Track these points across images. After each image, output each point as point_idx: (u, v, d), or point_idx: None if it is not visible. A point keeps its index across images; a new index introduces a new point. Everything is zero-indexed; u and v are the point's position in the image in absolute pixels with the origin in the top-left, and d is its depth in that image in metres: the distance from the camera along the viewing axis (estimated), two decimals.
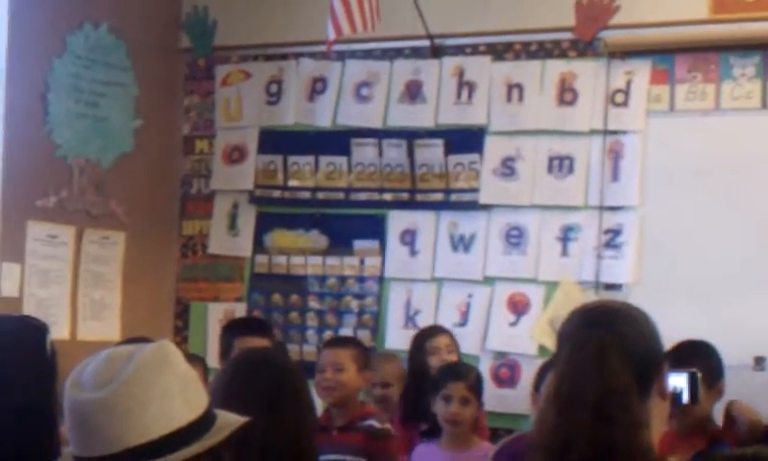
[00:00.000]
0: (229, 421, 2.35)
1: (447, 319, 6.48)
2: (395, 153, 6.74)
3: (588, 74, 6.39)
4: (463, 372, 5.34)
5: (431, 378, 5.59)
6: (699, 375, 3.08)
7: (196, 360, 6.09)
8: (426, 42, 6.70)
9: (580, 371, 2.41)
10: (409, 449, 5.31)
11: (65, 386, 2.27)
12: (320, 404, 6.04)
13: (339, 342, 5.56)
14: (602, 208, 6.28)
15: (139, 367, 2.22)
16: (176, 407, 2.24)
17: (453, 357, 5.78)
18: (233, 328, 5.49)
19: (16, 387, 3.10)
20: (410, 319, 6.62)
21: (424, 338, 5.87)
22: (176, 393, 2.24)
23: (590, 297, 5.96)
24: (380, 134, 6.80)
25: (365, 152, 6.83)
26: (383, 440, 4.96)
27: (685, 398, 3.12)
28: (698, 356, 4.50)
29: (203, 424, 2.27)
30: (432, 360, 5.72)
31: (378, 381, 5.74)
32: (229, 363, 3.07)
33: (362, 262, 6.83)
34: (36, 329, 3.90)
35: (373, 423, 4.97)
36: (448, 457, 5.17)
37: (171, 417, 2.23)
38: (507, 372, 6.37)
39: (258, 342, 4.95)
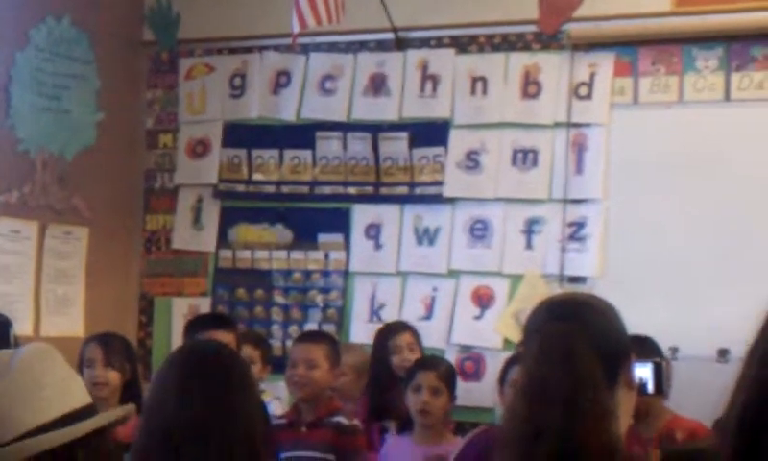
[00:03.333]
0: (116, 412, 2.42)
1: (412, 312, 6.49)
2: (359, 146, 6.74)
3: (551, 67, 6.41)
4: (433, 362, 5.36)
5: (394, 376, 5.59)
6: (664, 365, 3.10)
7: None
8: (391, 35, 6.69)
9: (549, 363, 2.41)
10: (371, 447, 5.30)
11: None
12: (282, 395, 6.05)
13: (312, 337, 5.47)
14: (566, 201, 6.30)
15: (26, 357, 2.27)
16: (72, 388, 2.29)
17: (415, 355, 5.77)
18: (197, 323, 5.48)
19: None
20: (375, 313, 6.61)
21: (387, 336, 5.85)
22: (67, 377, 2.30)
23: (555, 290, 5.98)
24: (345, 128, 6.79)
25: (329, 145, 6.82)
26: (351, 435, 4.95)
27: (651, 388, 3.14)
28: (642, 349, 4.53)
29: (95, 410, 2.33)
30: (394, 359, 5.71)
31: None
32: (180, 354, 3.02)
33: (327, 256, 6.82)
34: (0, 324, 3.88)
35: (341, 419, 4.95)
36: (420, 451, 5.16)
37: (70, 395, 2.27)
38: (472, 365, 6.38)
39: (223, 336, 4.93)
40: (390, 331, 5.91)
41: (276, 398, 6.00)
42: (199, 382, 2.81)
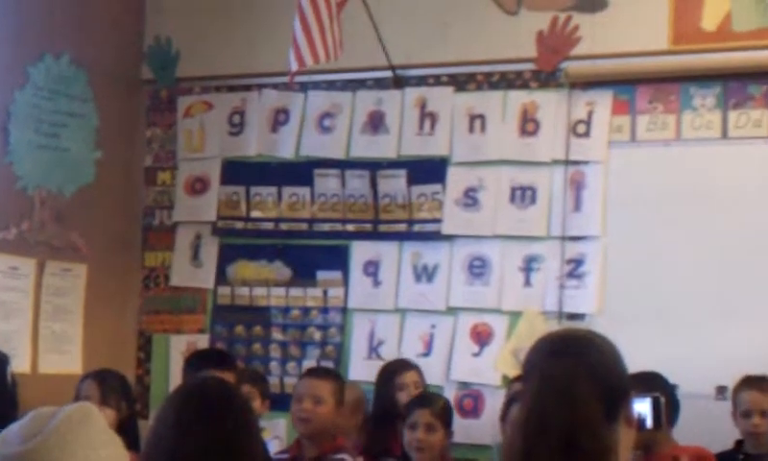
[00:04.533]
0: None
1: (411, 349, 6.48)
2: (357, 183, 6.74)
3: (549, 104, 6.42)
4: (428, 399, 5.34)
5: (399, 413, 5.56)
6: (662, 400, 3.10)
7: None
8: (389, 73, 6.71)
9: (549, 400, 2.40)
10: None
11: None
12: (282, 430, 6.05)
13: (319, 373, 5.42)
14: (564, 239, 6.30)
15: (63, 420, 2.26)
16: (102, 458, 2.27)
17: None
18: (196, 361, 5.46)
19: None
20: (373, 350, 6.60)
21: (393, 373, 5.82)
22: (100, 445, 2.29)
23: (554, 327, 5.94)
24: (343, 165, 6.80)
25: (328, 183, 6.83)
26: None
27: (649, 423, 3.13)
28: (653, 383, 4.54)
29: None
30: (401, 396, 5.68)
31: None
32: (181, 391, 3.00)
33: (325, 293, 6.81)
34: None
35: (345, 456, 4.92)
36: None
37: None
38: (471, 402, 6.36)
39: (222, 375, 4.91)
40: (396, 369, 5.88)
41: (276, 437, 5.99)
42: (199, 419, 2.80)
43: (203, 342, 6.98)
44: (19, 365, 6.03)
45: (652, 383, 4.51)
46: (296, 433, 5.22)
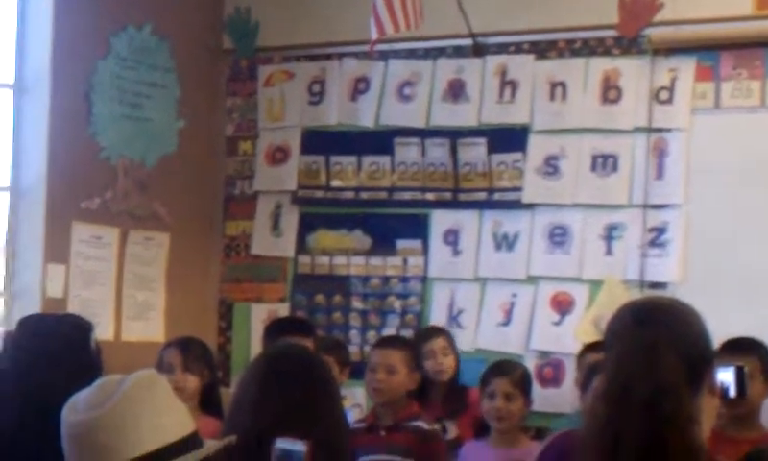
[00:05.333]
0: (216, 443, 2.46)
1: (491, 318, 6.47)
2: (437, 152, 6.73)
3: (631, 71, 6.35)
4: (507, 368, 5.35)
5: (427, 380, 5.57)
6: (746, 369, 3.07)
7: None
8: (469, 41, 6.68)
9: (632, 368, 2.39)
10: None
11: (62, 415, 2.36)
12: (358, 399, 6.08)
13: (390, 342, 5.52)
14: (646, 207, 6.24)
15: (130, 387, 2.31)
16: (167, 423, 2.33)
17: (449, 360, 5.78)
18: (275, 329, 5.50)
19: (61, 385, 3.11)
20: (453, 319, 6.59)
21: (419, 341, 5.84)
22: (166, 411, 2.34)
23: (635, 296, 5.90)
24: (423, 134, 6.78)
25: (408, 151, 6.82)
26: (432, 442, 4.98)
27: (732, 392, 3.10)
28: (752, 350, 4.52)
29: (193, 441, 2.35)
30: (427, 364, 5.69)
31: None
32: (263, 358, 3.03)
33: (405, 262, 6.81)
34: (81, 327, 3.92)
35: (421, 423, 4.97)
36: (496, 455, 5.18)
37: (164, 431, 2.32)
38: (551, 371, 6.34)
39: (301, 341, 4.96)
40: (422, 337, 5.92)
41: (357, 405, 6.02)
42: (280, 385, 2.82)
43: (283, 310, 7.01)
44: (102, 333, 6.08)
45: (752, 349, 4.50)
46: None
